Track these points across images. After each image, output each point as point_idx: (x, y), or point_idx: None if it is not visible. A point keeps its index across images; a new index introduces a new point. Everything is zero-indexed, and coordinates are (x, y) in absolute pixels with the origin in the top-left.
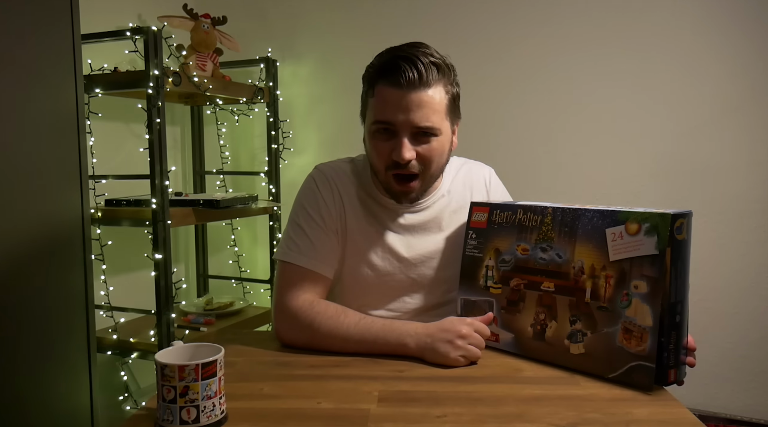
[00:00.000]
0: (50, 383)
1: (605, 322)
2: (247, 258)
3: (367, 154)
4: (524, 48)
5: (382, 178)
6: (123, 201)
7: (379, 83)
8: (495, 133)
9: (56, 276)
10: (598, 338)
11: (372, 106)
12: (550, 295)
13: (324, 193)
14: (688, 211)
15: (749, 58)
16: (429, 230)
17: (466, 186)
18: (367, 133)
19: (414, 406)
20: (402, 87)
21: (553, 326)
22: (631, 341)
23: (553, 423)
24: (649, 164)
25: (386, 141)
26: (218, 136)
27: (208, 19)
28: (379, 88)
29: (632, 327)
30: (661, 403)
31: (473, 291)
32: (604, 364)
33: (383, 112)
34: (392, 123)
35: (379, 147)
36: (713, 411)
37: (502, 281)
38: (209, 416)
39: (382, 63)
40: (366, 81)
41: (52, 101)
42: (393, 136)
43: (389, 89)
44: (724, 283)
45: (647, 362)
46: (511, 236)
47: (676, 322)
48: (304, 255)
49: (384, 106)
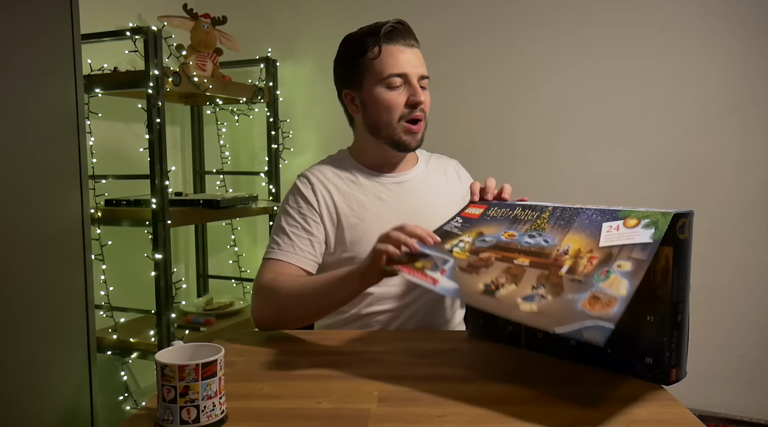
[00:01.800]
0: (50, 383)
1: (573, 290)
2: (247, 258)
3: (371, 114)
4: (524, 50)
5: (392, 130)
6: (123, 201)
7: (384, 43)
8: (495, 134)
9: (56, 276)
10: (557, 301)
11: (381, 64)
12: (520, 267)
13: (305, 192)
14: (690, 211)
15: (748, 59)
16: (413, 194)
17: (439, 170)
18: (373, 94)
19: (414, 406)
20: (408, 45)
21: (510, 289)
22: (596, 306)
23: (553, 423)
24: (649, 165)
25: (399, 93)
26: (218, 136)
27: (208, 19)
28: (388, 47)
29: (602, 296)
30: (661, 403)
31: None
32: (555, 320)
33: (397, 64)
34: (406, 74)
35: (393, 99)
36: (713, 411)
37: (471, 252)
38: (209, 415)
39: (380, 28)
40: (360, 49)
41: (52, 101)
42: (402, 88)
43: (398, 47)
44: (724, 283)
45: (606, 323)
46: (500, 225)
47: (677, 321)
48: (282, 251)
49: (396, 60)
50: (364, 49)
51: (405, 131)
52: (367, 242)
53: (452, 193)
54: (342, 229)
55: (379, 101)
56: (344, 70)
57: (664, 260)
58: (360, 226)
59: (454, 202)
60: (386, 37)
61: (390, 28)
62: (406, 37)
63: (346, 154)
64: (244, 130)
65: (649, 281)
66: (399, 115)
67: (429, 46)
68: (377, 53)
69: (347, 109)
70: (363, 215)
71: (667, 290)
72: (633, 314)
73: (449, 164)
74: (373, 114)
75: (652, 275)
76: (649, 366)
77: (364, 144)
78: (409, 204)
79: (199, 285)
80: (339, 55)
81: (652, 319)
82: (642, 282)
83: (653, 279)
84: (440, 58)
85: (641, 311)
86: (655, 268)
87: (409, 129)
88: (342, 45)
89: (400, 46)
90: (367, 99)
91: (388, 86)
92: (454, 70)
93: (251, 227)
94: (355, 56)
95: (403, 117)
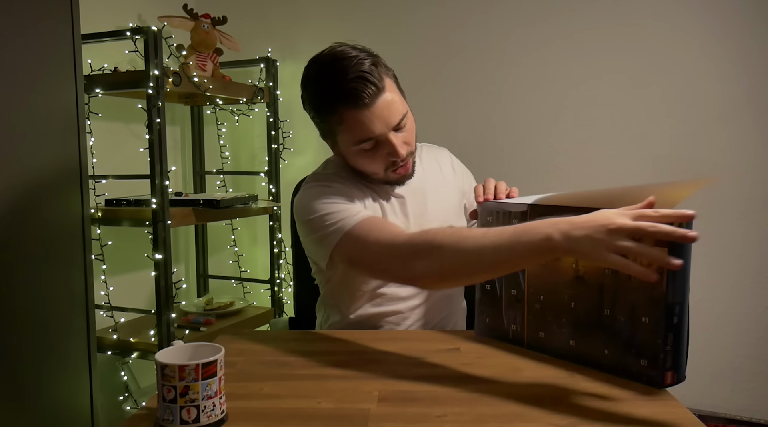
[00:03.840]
0: (50, 383)
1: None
2: (247, 258)
3: (353, 168)
4: (524, 51)
5: (379, 177)
6: (123, 201)
7: (343, 110)
8: (496, 134)
9: (56, 276)
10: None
11: (346, 130)
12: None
13: (332, 185)
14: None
15: (749, 59)
16: (421, 192)
17: (432, 163)
18: (349, 153)
19: (414, 406)
20: (368, 105)
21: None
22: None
23: (553, 423)
24: (650, 165)
25: (375, 151)
26: (218, 136)
27: (208, 19)
28: (348, 114)
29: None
30: (661, 403)
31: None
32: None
33: (363, 131)
34: (376, 135)
35: (371, 158)
36: (713, 411)
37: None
38: (209, 415)
39: (336, 91)
40: (321, 110)
41: (52, 101)
42: (378, 144)
43: (358, 111)
44: (724, 283)
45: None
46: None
47: (673, 323)
48: (353, 216)
49: (361, 127)
50: (326, 114)
51: (392, 175)
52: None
53: (447, 184)
54: None
55: (358, 161)
56: (314, 118)
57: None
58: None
59: (451, 192)
60: (345, 100)
61: (347, 89)
62: (368, 94)
63: (342, 164)
64: (244, 130)
65: (644, 282)
66: (383, 168)
67: (429, 46)
68: (341, 121)
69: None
70: (384, 211)
71: (661, 290)
72: (630, 314)
73: (442, 155)
74: (356, 166)
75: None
76: (643, 368)
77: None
78: (418, 200)
79: (199, 285)
80: (306, 98)
81: (647, 320)
82: (637, 282)
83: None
84: (441, 58)
85: (637, 313)
86: (650, 268)
87: (397, 173)
88: (303, 90)
89: (362, 109)
90: (346, 154)
91: (362, 149)
92: (455, 70)
93: (251, 227)
94: (321, 115)
95: (388, 168)
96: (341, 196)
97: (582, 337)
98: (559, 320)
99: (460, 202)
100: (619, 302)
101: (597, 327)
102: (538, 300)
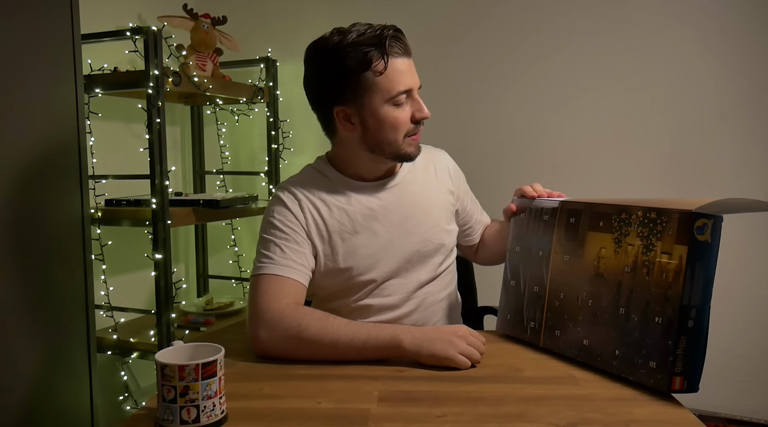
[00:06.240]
0: (50, 383)
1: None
2: (247, 258)
3: (375, 133)
4: (525, 50)
5: (397, 147)
6: (123, 201)
7: (392, 57)
8: (496, 134)
9: (56, 276)
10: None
11: (387, 80)
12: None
13: (291, 207)
14: (714, 215)
15: (748, 59)
16: (403, 199)
17: (428, 164)
18: (378, 115)
19: (414, 406)
20: (408, 54)
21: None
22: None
23: (553, 423)
24: (650, 166)
25: (404, 109)
26: (218, 136)
27: (208, 19)
28: (393, 61)
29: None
30: (661, 403)
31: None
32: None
33: (404, 81)
34: (411, 87)
35: (401, 117)
36: (713, 411)
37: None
38: (209, 415)
39: (380, 39)
40: (354, 69)
41: (52, 101)
42: (406, 103)
43: (401, 60)
44: (724, 283)
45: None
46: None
47: (687, 326)
48: (277, 265)
49: (402, 76)
50: (367, 62)
51: (409, 145)
52: (361, 254)
53: (441, 189)
54: (333, 244)
55: (387, 121)
56: (337, 84)
57: (678, 259)
58: (352, 239)
59: (444, 198)
60: (391, 53)
61: (392, 38)
62: (405, 46)
63: (327, 165)
64: (244, 130)
65: (660, 280)
66: (405, 133)
67: (430, 47)
68: (383, 68)
69: (334, 125)
70: (354, 228)
71: (677, 291)
72: (644, 313)
73: (438, 157)
74: (378, 133)
75: (664, 274)
76: (651, 370)
77: (352, 158)
78: (400, 211)
79: (199, 285)
80: (325, 67)
81: (660, 320)
82: (655, 281)
83: (665, 278)
84: (442, 58)
85: (650, 312)
86: (668, 267)
87: (413, 142)
88: (325, 55)
89: (403, 58)
90: (369, 118)
91: (395, 104)
92: (456, 72)
93: (251, 227)
94: (355, 70)
95: (409, 133)
96: (287, 230)
97: (596, 336)
98: (575, 318)
99: (451, 206)
100: (635, 301)
101: (612, 326)
102: (558, 297)
